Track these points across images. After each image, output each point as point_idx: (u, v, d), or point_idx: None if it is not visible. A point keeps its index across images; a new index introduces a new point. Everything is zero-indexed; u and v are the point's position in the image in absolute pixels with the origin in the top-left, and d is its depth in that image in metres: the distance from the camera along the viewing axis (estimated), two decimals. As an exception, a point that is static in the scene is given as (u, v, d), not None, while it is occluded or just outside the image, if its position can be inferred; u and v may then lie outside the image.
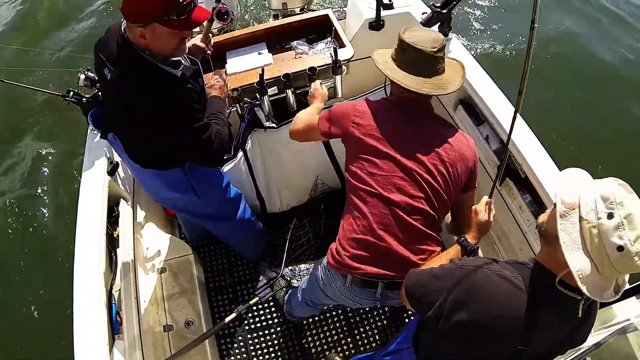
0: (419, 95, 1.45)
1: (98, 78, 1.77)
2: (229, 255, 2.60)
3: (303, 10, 2.95)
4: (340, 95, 2.26)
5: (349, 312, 2.37)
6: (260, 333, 2.33)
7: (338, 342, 2.30)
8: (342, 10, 2.87)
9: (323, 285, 1.62)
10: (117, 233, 1.99)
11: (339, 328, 2.33)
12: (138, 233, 2.25)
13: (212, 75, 1.86)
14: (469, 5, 4.85)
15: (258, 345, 2.29)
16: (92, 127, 2.02)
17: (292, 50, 2.38)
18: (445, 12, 2.14)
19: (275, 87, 2.19)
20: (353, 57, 2.28)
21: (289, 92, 2.16)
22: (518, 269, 1.07)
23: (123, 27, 1.44)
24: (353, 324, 2.34)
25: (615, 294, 0.97)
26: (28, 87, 2.22)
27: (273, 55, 2.34)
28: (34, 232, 3.33)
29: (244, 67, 2.26)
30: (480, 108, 2.11)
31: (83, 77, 1.92)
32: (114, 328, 1.66)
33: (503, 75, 2.34)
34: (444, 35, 2.26)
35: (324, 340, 2.30)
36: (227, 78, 1.93)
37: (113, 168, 2.06)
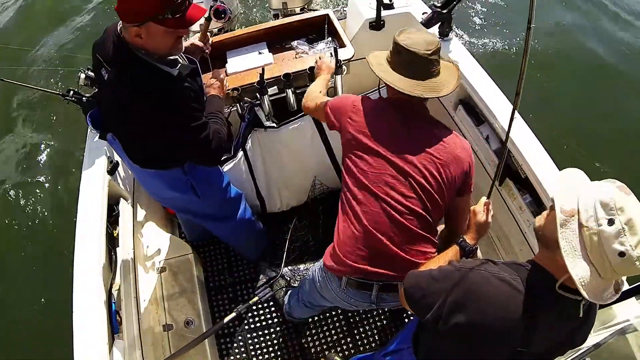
0: (412, 98, 1.45)
1: (96, 79, 1.77)
2: (229, 255, 2.60)
3: (303, 10, 2.95)
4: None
5: (349, 312, 2.37)
6: (260, 333, 2.33)
7: (338, 342, 2.29)
8: (342, 10, 2.87)
9: (319, 287, 1.62)
10: (117, 232, 1.99)
11: (339, 328, 2.33)
12: (138, 232, 2.25)
13: (210, 75, 1.86)
14: (469, 5, 4.84)
15: (258, 345, 2.29)
16: (91, 127, 2.02)
17: (292, 50, 2.38)
18: (446, 12, 2.14)
19: (276, 86, 2.19)
20: (353, 57, 2.28)
21: (289, 91, 2.16)
22: (517, 271, 1.06)
23: (119, 27, 1.43)
24: (353, 324, 2.34)
25: (616, 293, 0.97)
26: (28, 86, 2.23)
27: (273, 55, 2.34)
28: (34, 231, 3.33)
29: (245, 66, 2.26)
30: (480, 108, 2.11)
31: (83, 76, 1.92)
32: (114, 327, 1.66)
33: (503, 75, 2.33)
34: (445, 35, 2.26)
35: (324, 340, 2.30)
36: (225, 77, 1.93)
37: (113, 167, 2.05)
